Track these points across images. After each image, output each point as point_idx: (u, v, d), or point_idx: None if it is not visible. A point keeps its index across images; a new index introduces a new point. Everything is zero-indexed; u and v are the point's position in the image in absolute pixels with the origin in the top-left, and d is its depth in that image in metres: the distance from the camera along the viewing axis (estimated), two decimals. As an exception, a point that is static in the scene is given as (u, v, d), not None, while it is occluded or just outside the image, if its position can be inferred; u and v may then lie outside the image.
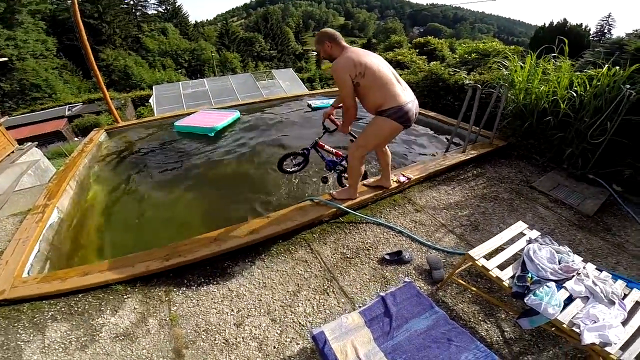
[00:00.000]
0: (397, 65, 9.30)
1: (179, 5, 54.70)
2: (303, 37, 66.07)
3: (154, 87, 15.14)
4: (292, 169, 3.68)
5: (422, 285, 2.34)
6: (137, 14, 49.36)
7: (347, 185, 3.20)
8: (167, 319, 2.07)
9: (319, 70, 33.45)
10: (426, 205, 3.24)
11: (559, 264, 1.84)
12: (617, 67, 3.52)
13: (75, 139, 18.23)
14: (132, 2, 49.03)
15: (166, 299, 2.21)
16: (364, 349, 1.42)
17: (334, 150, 3.56)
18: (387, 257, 2.54)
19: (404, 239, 2.78)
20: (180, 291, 2.27)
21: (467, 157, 3.96)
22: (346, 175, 3.49)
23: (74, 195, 3.87)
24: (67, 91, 31.05)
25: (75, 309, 2.15)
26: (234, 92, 14.16)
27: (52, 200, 3.37)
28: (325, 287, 2.32)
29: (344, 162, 3.52)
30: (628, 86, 3.31)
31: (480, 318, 2.09)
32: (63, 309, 2.15)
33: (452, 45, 20.03)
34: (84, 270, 2.38)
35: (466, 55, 7.36)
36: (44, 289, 2.24)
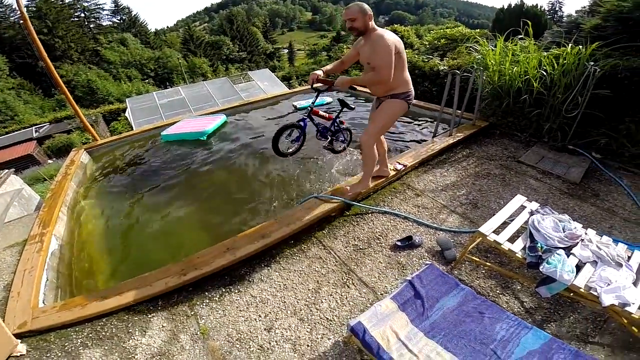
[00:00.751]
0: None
1: (135, 14, 53.11)
2: (272, 35, 65.33)
3: (127, 100, 14.69)
4: (291, 149, 3.29)
5: (437, 266, 2.44)
6: (91, 26, 47.55)
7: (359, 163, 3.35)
8: (198, 333, 2.08)
9: (293, 68, 33.27)
10: (425, 189, 3.36)
11: (564, 231, 1.98)
12: (579, 46, 3.76)
13: (49, 161, 17.48)
14: (83, 15, 47.17)
15: (192, 313, 2.22)
16: (404, 331, 1.50)
17: (327, 114, 3.51)
18: (398, 243, 2.64)
19: (411, 224, 2.89)
20: (204, 304, 2.27)
21: (455, 140, 4.12)
22: (339, 139, 3.64)
23: (68, 221, 3.76)
24: (29, 112, 29.71)
25: (103, 333, 2.13)
26: (212, 97, 13.94)
27: (48, 229, 3.28)
28: (345, 280, 2.39)
29: (337, 125, 3.53)
30: (592, 63, 3.56)
31: (498, 291, 2.21)
32: (91, 335, 2.13)
33: (417, 31, 20.38)
34: (102, 294, 2.35)
35: (435, 42, 7.56)
36: (65, 317, 2.21)
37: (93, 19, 48.57)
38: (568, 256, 1.90)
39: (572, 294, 1.84)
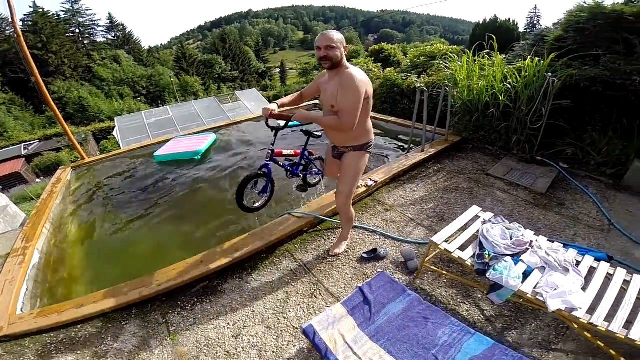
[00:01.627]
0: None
1: (129, 31, 53.38)
2: (264, 54, 66.57)
3: (116, 119, 14.85)
4: (258, 203, 2.94)
5: (401, 276, 2.57)
6: (85, 42, 47.69)
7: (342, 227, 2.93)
8: (168, 339, 2.18)
9: (284, 87, 33.82)
10: (395, 204, 3.51)
11: (511, 239, 2.13)
12: (537, 58, 3.99)
13: (37, 180, 17.32)
14: (77, 31, 47.44)
15: (163, 321, 2.32)
16: (350, 335, 1.62)
17: (292, 152, 3.12)
18: (364, 255, 2.77)
19: (378, 237, 3.03)
20: (176, 312, 2.38)
21: (426, 155, 4.31)
22: (313, 172, 3.43)
23: (51, 237, 3.85)
24: (19, 128, 29.34)
25: (77, 339, 2.23)
26: (199, 117, 14.16)
27: (31, 243, 3.40)
28: (313, 290, 2.50)
29: (306, 159, 3.24)
30: (550, 74, 3.76)
31: (459, 300, 2.31)
32: (65, 340, 2.23)
33: (404, 49, 21.06)
34: (78, 302, 2.46)
35: (415, 59, 7.91)
36: (42, 322, 2.32)
37: (87, 35, 48.76)
38: (517, 263, 2.02)
39: (522, 300, 1.95)
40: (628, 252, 2.66)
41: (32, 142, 23.02)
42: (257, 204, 2.91)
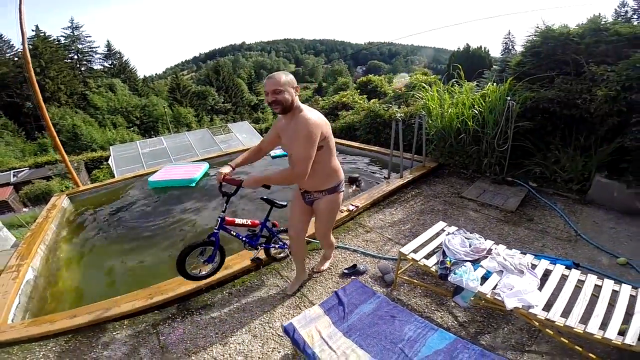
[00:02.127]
0: (342, 107, 10.32)
1: (126, 60, 53.96)
2: (256, 87, 68.35)
3: (111, 148, 15.10)
4: (204, 272, 2.65)
5: (379, 288, 2.77)
6: (82, 69, 47.86)
7: (292, 258, 2.93)
8: (158, 347, 2.32)
9: (275, 119, 34.46)
10: (375, 226, 3.78)
11: (470, 247, 2.41)
12: (494, 83, 4.34)
13: (24, 209, 17.07)
14: (76, 57, 47.86)
15: (154, 331, 2.47)
16: (326, 331, 1.82)
17: (249, 221, 2.74)
18: (345, 271, 3.00)
19: (359, 255, 3.27)
20: (167, 323, 2.54)
21: (405, 181, 4.64)
22: (276, 246, 3.08)
23: (46, 257, 4.02)
24: (9, 154, 28.90)
25: (67, 347, 2.35)
26: (192, 148, 14.46)
27: (26, 260, 3.56)
28: (297, 303, 2.68)
29: (268, 230, 2.89)
30: (509, 98, 4.16)
31: (433, 308, 2.51)
32: (54, 348, 2.35)
33: (390, 79, 22.15)
34: (72, 313, 2.60)
35: (398, 90, 8.47)
36: (32, 331, 2.43)
37: (85, 62, 49.13)
38: (476, 268, 2.27)
39: (483, 302, 2.17)
40: (594, 259, 2.95)
41: (21, 169, 22.83)
42: (202, 273, 2.64)
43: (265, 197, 2.67)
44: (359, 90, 13.24)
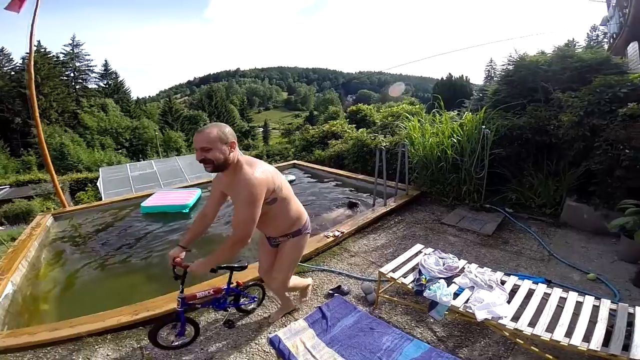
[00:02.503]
0: (332, 136, 10.69)
1: (121, 80, 54.02)
2: (248, 113, 69.31)
3: (100, 170, 15.02)
4: (178, 343, 2.51)
5: (362, 307, 2.85)
6: (77, 87, 47.65)
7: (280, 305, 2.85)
8: (142, 360, 2.36)
9: (266, 146, 34.83)
10: (359, 251, 3.93)
11: (443, 265, 2.62)
12: (469, 112, 4.55)
13: (0, 227, 16.45)
14: (72, 75, 47.70)
15: (138, 346, 2.50)
16: (310, 342, 1.93)
17: (211, 290, 2.62)
18: (330, 291, 3.11)
19: (344, 277, 3.40)
20: (153, 339, 2.57)
21: (389, 209, 4.85)
22: (245, 302, 2.88)
23: (27, 273, 3.99)
24: (-10, 171, 28.36)
25: (44, 359, 2.34)
26: (182, 172, 14.42)
27: (6, 275, 3.54)
28: (284, 321, 2.74)
29: (233, 291, 2.70)
30: (484, 126, 4.43)
31: (413, 324, 2.63)
32: None
33: (379, 109, 22.95)
34: (53, 326, 2.60)
35: (384, 119, 8.81)
36: (9, 342, 2.42)
37: (80, 80, 49.07)
38: (450, 284, 2.47)
39: (457, 315, 2.33)
40: (566, 276, 3.17)
41: (2, 187, 22.17)
42: (176, 343, 2.53)
43: (223, 265, 2.43)
44: (348, 120, 13.66)
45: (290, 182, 7.53)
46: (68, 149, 33.62)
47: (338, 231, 4.18)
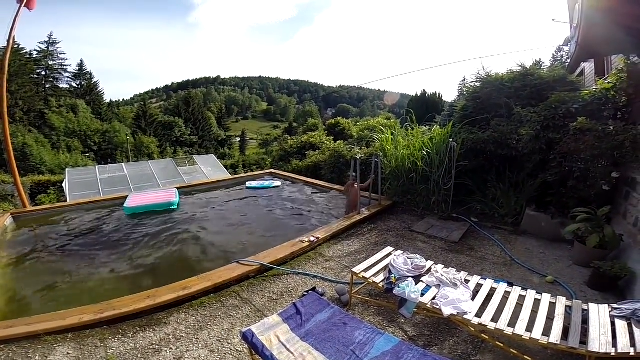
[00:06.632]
0: (310, 147, 10.82)
1: (95, 82, 51.66)
2: (226, 122, 67.84)
3: (67, 171, 14.18)
4: None
5: (315, 294, 2.88)
6: (47, 86, 44.95)
7: None
8: (105, 359, 2.27)
9: (242, 156, 34.35)
10: (333, 256, 4.02)
11: (411, 265, 2.78)
12: (437, 126, 4.82)
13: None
14: (44, 74, 45.14)
15: (102, 345, 2.42)
16: (285, 336, 1.96)
17: None
18: (305, 293, 3.12)
19: (318, 280, 3.46)
20: (117, 338, 2.49)
21: (362, 217, 5.00)
22: None
23: None
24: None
25: None
26: (154, 177, 13.94)
27: None
28: (257, 321, 2.74)
29: None
30: (451, 140, 4.70)
31: (385, 324, 2.72)
32: None
33: (357, 123, 23.40)
34: (8, 324, 2.48)
35: (361, 132, 9.09)
36: None
37: (51, 79, 46.34)
38: (417, 282, 2.61)
39: (425, 311, 2.44)
40: (527, 279, 3.42)
41: (-47, 187, 20.48)
42: None
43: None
44: (326, 132, 13.85)
45: (276, 187, 7.58)
46: (31, 149, 31.62)
47: (313, 237, 4.25)
